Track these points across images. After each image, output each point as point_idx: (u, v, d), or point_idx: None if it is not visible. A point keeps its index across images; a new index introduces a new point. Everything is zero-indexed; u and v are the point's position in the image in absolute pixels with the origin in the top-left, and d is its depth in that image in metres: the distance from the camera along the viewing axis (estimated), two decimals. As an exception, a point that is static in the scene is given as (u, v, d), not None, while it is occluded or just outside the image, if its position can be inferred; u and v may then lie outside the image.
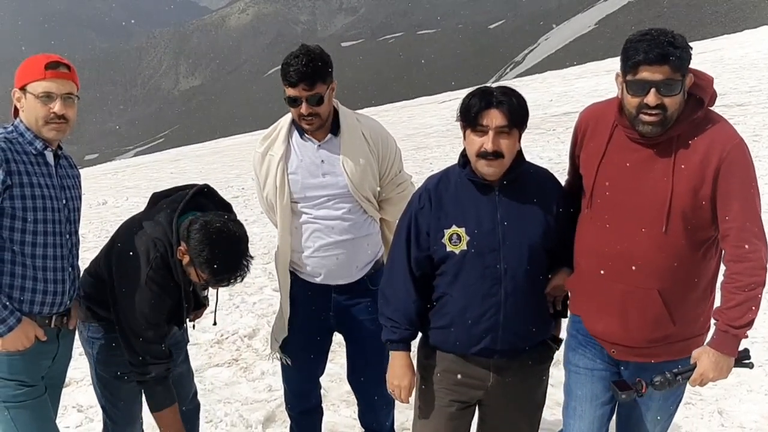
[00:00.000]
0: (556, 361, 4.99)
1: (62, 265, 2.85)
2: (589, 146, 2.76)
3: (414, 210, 2.91)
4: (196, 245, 2.88)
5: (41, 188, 2.76)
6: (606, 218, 2.64)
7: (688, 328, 2.66)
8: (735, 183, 2.48)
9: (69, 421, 4.31)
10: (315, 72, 3.11)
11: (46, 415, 2.85)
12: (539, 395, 3.04)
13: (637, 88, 2.49)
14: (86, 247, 9.08)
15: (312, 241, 3.35)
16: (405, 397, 2.96)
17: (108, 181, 17.88)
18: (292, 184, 3.32)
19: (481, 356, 2.87)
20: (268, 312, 6.47)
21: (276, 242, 3.44)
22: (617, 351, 2.72)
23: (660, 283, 2.58)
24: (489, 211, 2.80)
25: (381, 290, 3.00)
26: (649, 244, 2.56)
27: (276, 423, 4.51)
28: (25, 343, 2.73)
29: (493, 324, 2.80)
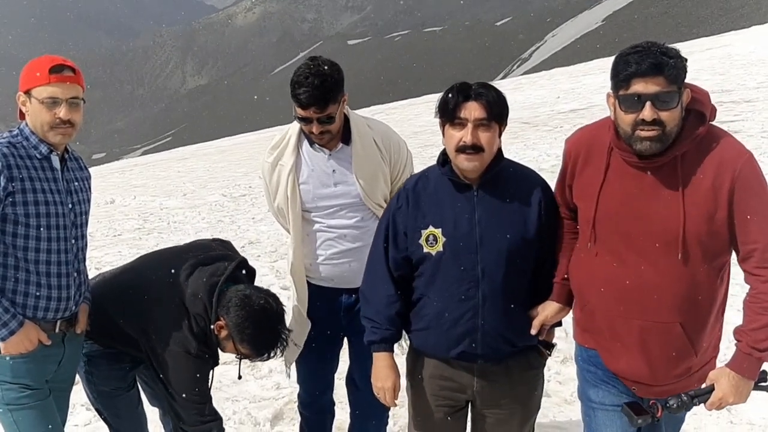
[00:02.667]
0: (564, 359, 5.03)
1: (67, 271, 2.81)
2: (584, 175, 2.58)
3: (392, 210, 2.87)
4: (240, 323, 2.92)
5: (45, 194, 2.73)
6: (614, 251, 2.47)
7: (706, 355, 2.53)
8: (752, 202, 2.33)
9: (78, 420, 4.32)
10: (326, 94, 3.05)
11: (49, 418, 2.82)
12: (532, 400, 2.93)
13: (630, 103, 2.32)
14: (94, 245, 9.19)
15: (324, 249, 3.32)
16: (390, 399, 2.92)
17: (116, 180, 17.94)
18: (304, 194, 3.28)
19: (463, 360, 2.81)
20: (276, 310, 6.46)
21: (290, 252, 3.39)
22: (638, 389, 2.56)
23: (681, 315, 2.42)
24: (467, 212, 2.73)
25: (361, 291, 2.96)
26: (666, 276, 2.39)
27: (284, 421, 4.51)
28: (28, 347, 2.71)
29: (470, 327, 2.74)
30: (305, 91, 3.03)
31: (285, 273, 7.68)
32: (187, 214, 11.73)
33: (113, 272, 3.23)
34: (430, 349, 2.87)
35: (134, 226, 10.88)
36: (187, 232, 10.26)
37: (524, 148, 12.13)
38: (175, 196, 13.70)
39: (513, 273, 2.72)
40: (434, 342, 2.82)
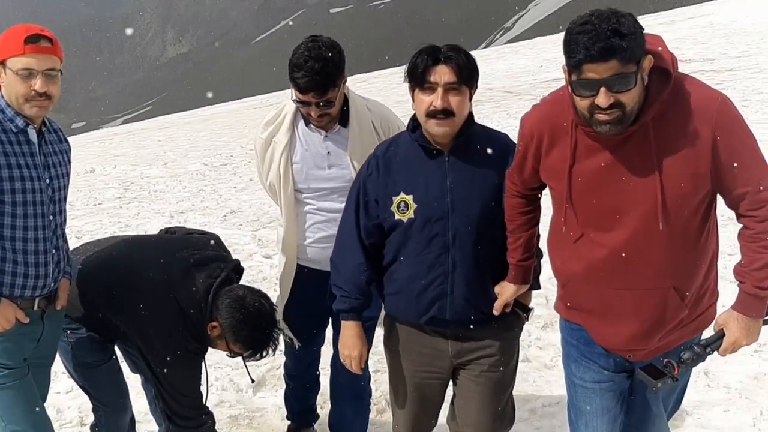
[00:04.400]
0: (544, 324, 5.08)
1: (45, 248, 2.73)
2: (551, 156, 2.43)
3: (362, 177, 2.84)
4: (235, 324, 2.94)
5: (21, 169, 2.63)
6: (595, 228, 2.38)
7: (700, 306, 2.48)
8: (737, 146, 2.23)
9: (59, 387, 4.32)
10: (326, 79, 2.98)
11: (29, 397, 2.77)
12: (509, 364, 2.92)
13: (583, 89, 2.16)
14: (74, 215, 9.14)
15: (313, 231, 3.31)
16: (356, 366, 2.93)
17: (95, 149, 17.75)
18: (296, 174, 3.25)
19: (435, 326, 2.82)
20: (258, 278, 6.48)
21: (281, 230, 3.39)
22: (634, 355, 2.51)
23: (673, 279, 2.36)
24: (438, 178, 2.71)
25: (332, 260, 2.94)
26: (652, 245, 2.31)
27: (266, 387, 4.54)
28: (4, 326, 2.64)
29: (440, 293, 2.74)
30: (304, 75, 2.97)
31: (267, 242, 7.71)
32: (168, 183, 11.64)
33: (99, 257, 3.12)
34: (402, 314, 2.88)
35: (115, 195, 10.80)
36: (169, 201, 10.20)
37: (507, 117, 12.11)
38: (155, 165, 13.59)
39: (484, 240, 2.72)
40: (405, 307, 2.83)
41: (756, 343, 4.53)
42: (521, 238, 2.70)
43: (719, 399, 4.14)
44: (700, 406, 4.02)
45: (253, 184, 11.02)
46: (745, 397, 4.17)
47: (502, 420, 2.93)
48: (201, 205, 9.73)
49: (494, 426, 2.89)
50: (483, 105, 14.28)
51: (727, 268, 2.63)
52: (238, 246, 7.41)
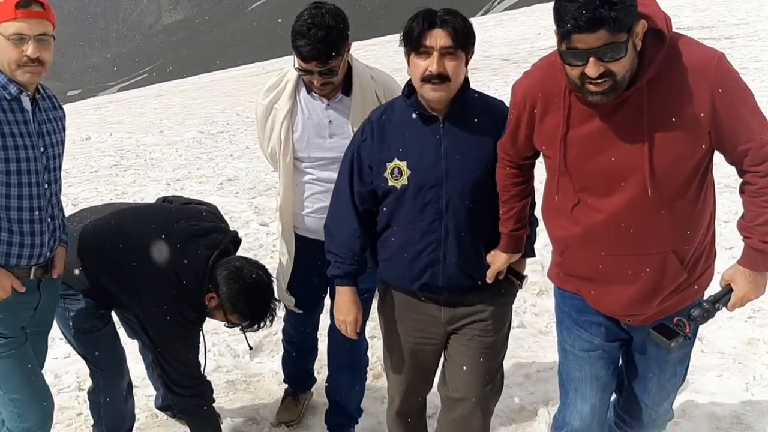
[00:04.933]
0: (539, 291, 5.10)
1: (40, 217, 2.69)
2: (545, 123, 2.39)
3: (357, 143, 2.82)
4: (233, 296, 2.95)
5: (14, 138, 2.58)
6: (590, 194, 2.34)
7: (698, 269, 2.45)
8: (737, 104, 2.18)
9: (57, 353, 4.34)
10: (329, 48, 2.91)
11: (27, 366, 2.76)
12: (501, 331, 2.90)
13: (572, 58, 2.10)
14: (70, 182, 9.13)
15: (311, 202, 3.28)
16: (351, 331, 2.94)
17: (91, 117, 17.68)
18: (297, 142, 3.20)
19: (427, 292, 2.82)
20: (254, 245, 6.49)
21: (279, 198, 3.36)
22: (634, 319, 2.48)
23: (672, 243, 2.33)
24: (432, 144, 2.67)
25: (326, 225, 2.93)
26: (649, 210, 2.27)
27: (263, 352, 4.56)
28: (1, 295, 2.62)
29: (432, 260, 2.73)
30: (307, 43, 2.91)
31: (263, 210, 7.72)
32: (164, 151, 11.61)
33: (97, 226, 3.11)
34: (394, 280, 2.88)
35: (111, 162, 10.77)
36: (165, 168, 10.18)
37: (504, 85, 12.05)
38: (151, 133, 13.54)
39: (478, 207, 2.70)
40: (398, 273, 2.83)
41: (750, 309, 4.61)
42: (514, 209, 2.68)
43: (713, 364, 4.17)
44: (694, 371, 4.05)
45: (250, 152, 11.00)
46: (739, 362, 4.20)
47: (492, 385, 2.92)
48: (197, 173, 9.71)
49: (484, 391, 2.89)
50: (480, 73, 14.22)
51: (722, 235, 2.63)
52: (235, 214, 7.41)
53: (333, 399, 3.64)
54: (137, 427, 3.56)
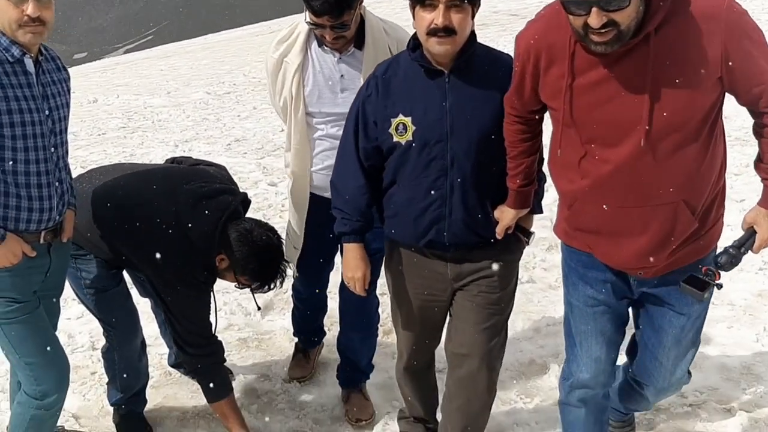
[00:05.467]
0: (549, 246, 5.10)
1: (48, 181, 2.66)
2: (550, 74, 2.33)
3: (362, 98, 2.78)
4: (243, 257, 2.96)
5: (19, 101, 2.54)
6: (597, 146, 2.29)
7: (710, 217, 2.41)
8: (750, 49, 2.12)
9: (70, 313, 4.38)
10: (342, 2, 2.86)
11: (40, 329, 2.77)
12: (508, 287, 2.89)
13: (574, 7, 2.05)
14: (78, 145, 9.13)
15: (321, 159, 3.24)
16: (360, 288, 2.94)
17: (98, 79, 17.62)
18: (308, 97, 3.15)
19: (434, 249, 2.81)
20: (263, 206, 6.49)
21: (288, 155, 3.32)
22: (645, 272, 2.44)
23: (683, 193, 2.28)
24: (437, 99, 2.63)
25: (332, 182, 2.91)
26: (661, 159, 2.21)
27: (274, 310, 4.59)
28: (12, 260, 2.61)
29: (437, 217, 2.71)
30: None
31: (272, 170, 7.70)
32: (172, 112, 11.57)
33: (107, 188, 3.09)
34: (400, 237, 2.86)
35: (118, 125, 10.75)
36: (172, 130, 10.16)
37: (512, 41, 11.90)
38: (158, 95, 13.49)
39: (483, 163, 2.67)
40: (403, 230, 2.81)
41: (761, 261, 4.59)
42: (522, 165, 2.65)
43: (723, 316, 4.18)
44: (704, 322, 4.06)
45: (257, 113, 10.96)
46: (749, 313, 4.20)
47: (497, 341, 2.90)
48: (205, 134, 9.68)
49: (489, 346, 2.87)
50: (488, 29, 14.05)
51: (733, 188, 2.60)
52: (243, 174, 7.40)
53: (344, 355, 3.67)
54: (151, 385, 3.60)
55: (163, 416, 3.54)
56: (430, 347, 3.12)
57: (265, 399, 3.69)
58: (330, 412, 3.60)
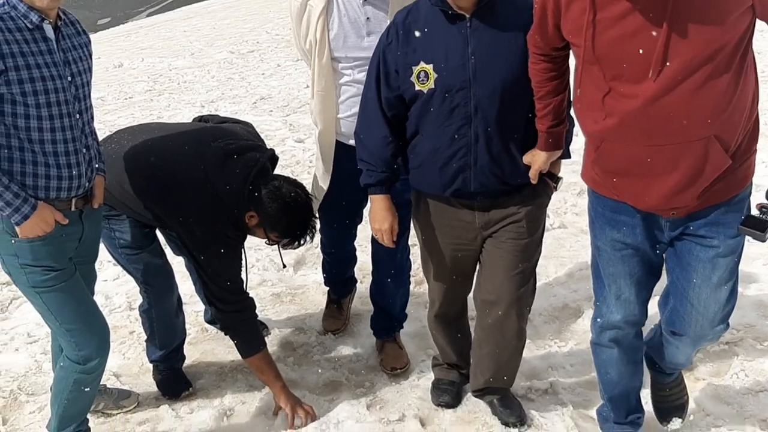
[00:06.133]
0: (580, 191, 5.05)
1: (75, 148, 2.63)
2: (570, 10, 2.27)
3: (382, 46, 2.73)
4: (273, 214, 2.98)
5: (40, 69, 2.49)
6: (624, 82, 2.21)
7: (743, 154, 2.32)
8: None
9: (106, 275, 4.45)
10: None
11: (78, 296, 2.77)
12: (536, 233, 2.86)
13: None
14: (106, 110, 9.19)
15: (347, 105, 3.19)
16: (388, 239, 2.93)
17: (122, 44, 17.64)
18: (333, 41, 3.08)
19: (461, 198, 2.78)
20: (291, 163, 6.50)
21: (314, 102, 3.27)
22: (677, 212, 2.36)
23: (714, 128, 2.19)
24: (459, 45, 2.57)
25: (356, 133, 2.88)
26: (691, 92, 2.13)
27: (306, 265, 4.62)
28: (45, 229, 2.60)
29: (462, 165, 2.67)
30: None
31: (298, 127, 7.70)
32: (197, 73, 11.58)
33: (135, 149, 3.10)
34: (426, 187, 2.84)
35: (144, 88, 10.78)
36: (198, 91, 10.17)
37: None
38: (182, 56, 13.49)
39: (508, 110, 2.62)
40: (429, 180, 2.79)
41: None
42: (550, 104, 2.59)
43: (760, 253, 4.13)
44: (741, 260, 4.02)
45: (281, 70, 10.92)
46: (786, 250, 4.15)
47: (526, 288, 2.89)
48: (230, 94, 9.69)
49: (518, 293, 2.86)
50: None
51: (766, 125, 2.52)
52: (270, 131, 7.40)
53: (378, 304, 3.69)
54: (188, 342, 3.65)
55: (201, 371, 3.60)
56: (461, 295, 3.13)
57: (300, 351, 3.74)
58: (365, 362, 3.63)
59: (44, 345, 3.74)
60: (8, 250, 2.61)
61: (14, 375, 3.59)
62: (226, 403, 3.34)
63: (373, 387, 3.43)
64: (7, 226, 2.55)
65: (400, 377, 3.49)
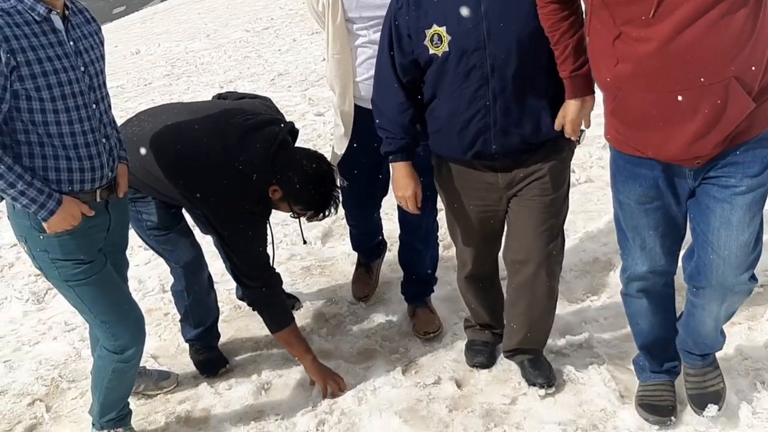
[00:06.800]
0: (604, 144, 4.99)
1: (95, 139, 2.59)
2: None
3: (393, 11, 2.69)
4: (296, 186, 2.98)
5: (52, 61, 2.43)
6: (635, 26, 2.14)
7: (765, 94, 2.23)
8: None
9: (138, 260, 4.49)
10: None
11: (111, 287, 2.76)
12: (561, 188, 2.82)
13: None
14: (126, 97, 9.25)
15: (365, 68, 3.13)
16: (412, 206, 2.91)
17: (138, 30, 17.71)
18: (346, 1, 3.04)
19: (483, 160, 2.74)
20: (313, 136, 6.50)
21: (330, 66, 3.21)
22: (701, 161, 2.29)
23: (734, 69, 2.11)
24: (471, 5, 2.52)
25: (373, 101, 2.85)
26: (708, 32, 2.06)
27: (334, 237, 4.64)
28: (72, 222, 2.58)
29: (482, 127, 2.64)
30: None
31: (318, 100, 7.68)
32: (213, 54, 11.60)
33: (155, 130, 3.10)
34: (446, 151, 2.81)
35: (163, 73, 10.83)
36: (216, 72, 10.19)
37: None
38: (198, 39, 13.51)
39: (525, 67, 2.56)
40: (449, 144, 2.76)
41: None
42: (568, 46, 2.51)
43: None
44: None
45: (297, 45, 10.90)
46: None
47: (555, 245, 2.86)
48: (248, 72, 9.69)
49: (547, 250, 2.84)
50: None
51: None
52: (290, 107, 7.40)
53: (407, 268, 3.68)
54: (222, 320, 3.69)
55: (237, 348, 3.63)
56: (491, 256, 3.12)
57: (333, 322, 3.76)
58: (398, 328, 3.65)
59: (82, 332, 3.80)
60: (38, 245, 2.60)
61: (54, 363, 3.66)
62: (263, 377, 3.37)
63: (408, 352, 3.44)
64: (35, 222, 2.54)
65: (434, 341, 3.50)
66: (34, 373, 3.58)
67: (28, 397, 3.41)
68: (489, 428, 2.88)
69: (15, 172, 2.41)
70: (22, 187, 2.42)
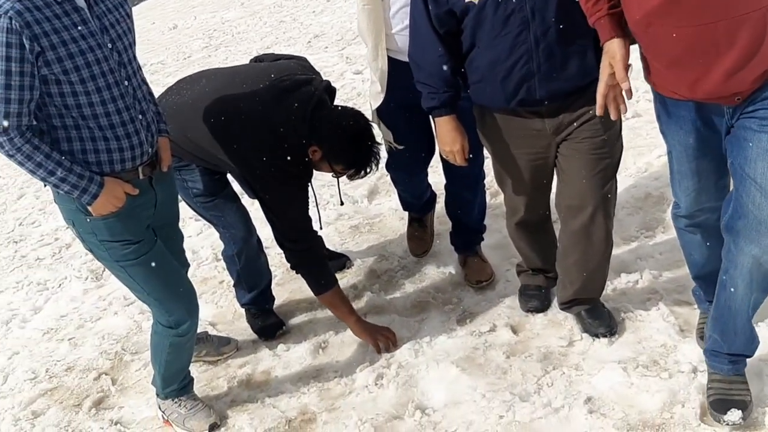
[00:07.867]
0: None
1: (131, 116, 2.53)
2: None
3: None
4: (335, 145, 2.97)
5: (77, 42, 2.35)
6: None
7: None
8: None
9: (190, 231, 4.55)
10: None
11: (162, 264, 2.74)
12: (613, 128, 2.72)
13: None
14: (167, 72, 9.31)
15: (400, 18, 3.02)
16: (460, 159, 2.86)
17: (174, 5, 17.70)
18: None
19: (528, 107, 2.66)
20: (353, 95, 6.46)
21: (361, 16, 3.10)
22: (741, 96, 2.18)
23: None
24: None
25: (410, 55, 2.79)
26: None
27: (380, 194, 4.63)
28: (116, 204, 2.56)
29: (526, 74, 2.55)
30: None
31: (355, 58, 7.62)
32: (249, 22, 11.57)
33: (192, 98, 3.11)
34: (489, 101, 2.74)
35: (201, 45, 10.84)
36: (253, 39, 10.17)
37: None
38: (233, 8, 13.48)
39: (566, 7, 2.45)
40: (492, 94, 2.68)
41: None
42: None
43: None
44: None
45: (331, 5, 10.81)
46: None
47: (610, 186, 2.78)
48: (284, 36, 9.65)
49: (602, 193, 2.75)
50: None
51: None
52: (328, 67, 7.35)
53: (456, 218, 3.64)
54: (276, 283, 3.72)
55: (292, 309, 3.67)
56: (543, 202, 3.06)
57: (384, 278, 3.76)
58: (450, 279, 3.64)
59: (141, 305, 3.87)
60: (85, 228, 2.61)
61: (117, 337, 3.75)
62: (320, 336, 3.41)
63: (461, 302, 3.43)
64: (81, 205, 2.53)
65: (487, 289, 3.48)
66: (98, 348, 3.68)
67: (94, 371, 3.51)
68: (548, 371, 2.87)
69: (53, 160, 2.39)
70: (62, 174, 2.41)
